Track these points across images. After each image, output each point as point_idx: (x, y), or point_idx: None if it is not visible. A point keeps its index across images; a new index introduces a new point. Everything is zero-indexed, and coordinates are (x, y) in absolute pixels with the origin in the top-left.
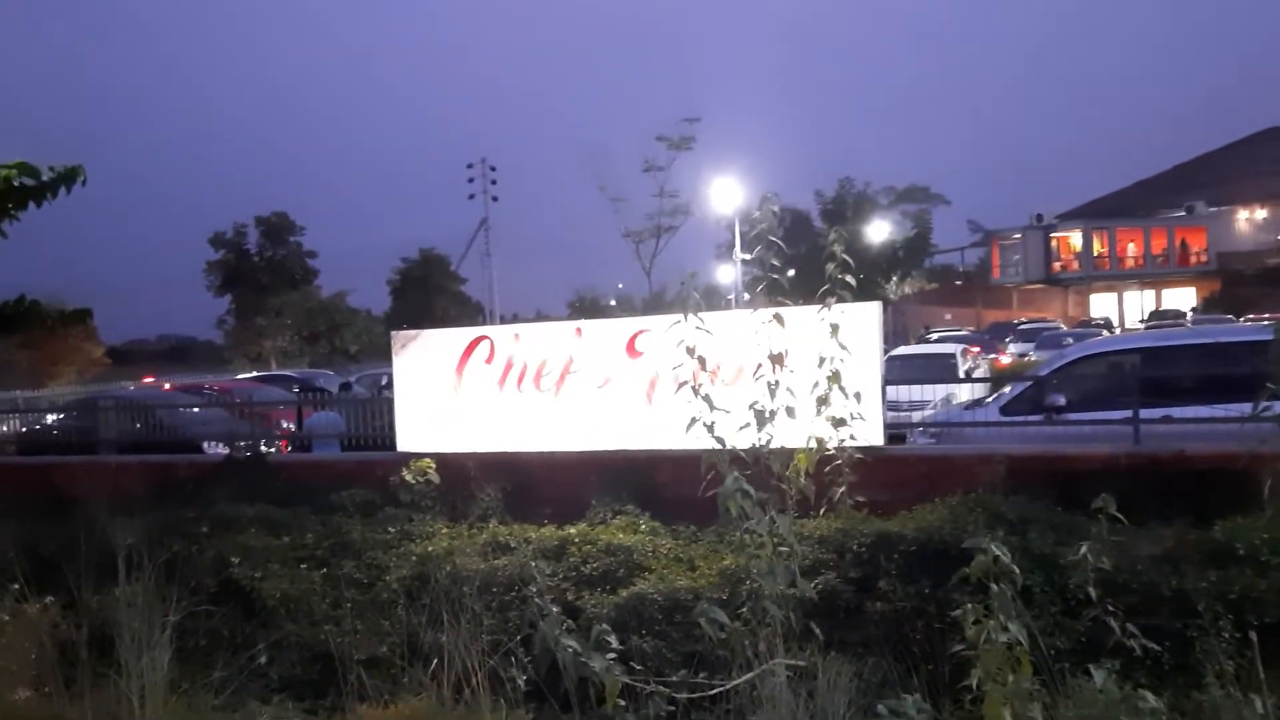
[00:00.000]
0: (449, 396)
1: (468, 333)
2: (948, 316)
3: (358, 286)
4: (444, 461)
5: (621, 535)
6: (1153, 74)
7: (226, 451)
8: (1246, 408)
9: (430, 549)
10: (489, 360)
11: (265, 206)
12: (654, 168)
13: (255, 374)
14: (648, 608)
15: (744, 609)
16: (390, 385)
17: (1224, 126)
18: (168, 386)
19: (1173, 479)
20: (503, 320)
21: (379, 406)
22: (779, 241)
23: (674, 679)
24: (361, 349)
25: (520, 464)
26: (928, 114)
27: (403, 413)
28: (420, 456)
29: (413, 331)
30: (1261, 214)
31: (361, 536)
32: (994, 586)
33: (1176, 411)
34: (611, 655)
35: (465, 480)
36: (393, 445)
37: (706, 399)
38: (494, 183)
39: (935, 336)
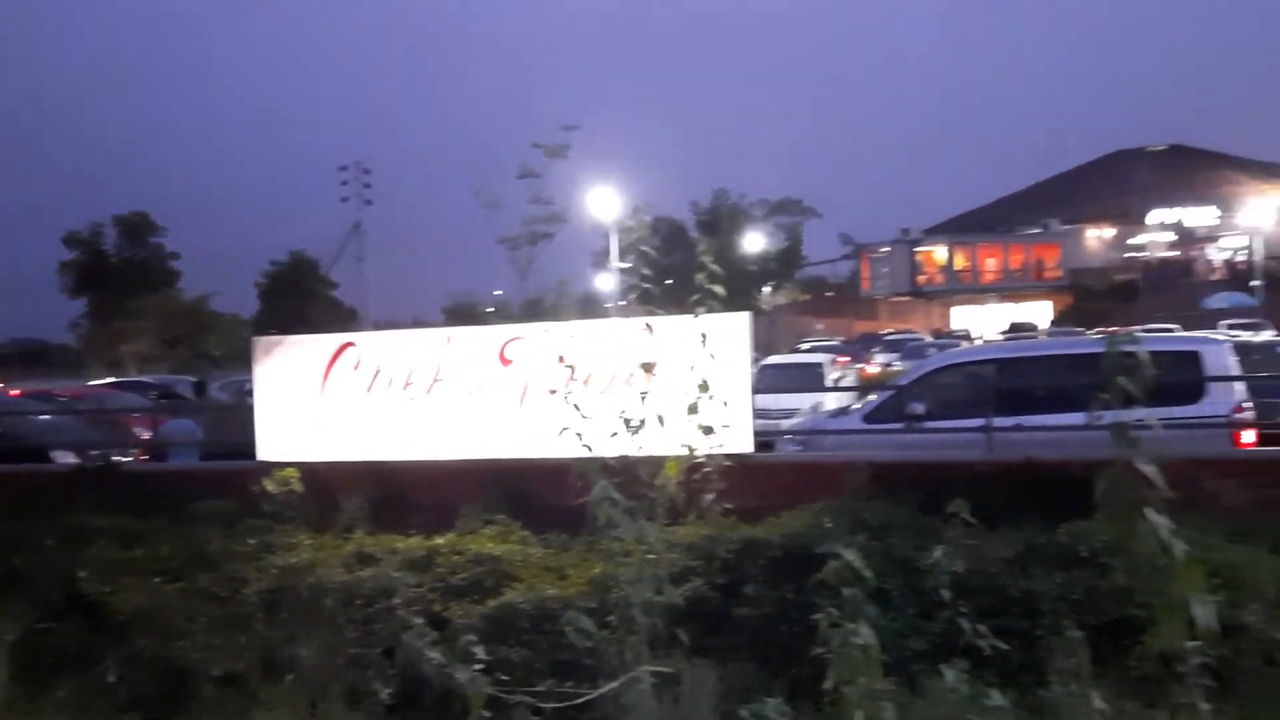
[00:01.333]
0: (314, 403)
1: (334, 339)
2: (820, 327)
3: (226, 290)
4: (308, 471)
5: (491, 545)
6: (1015, 96)
7: (77, 460)
8: (1111, 417)
9: (292, 561)
10: (356, 367)
11: (126, 206)
12: (530, 174)
13: (111, 380)
14: (516, 617)
15: (612, 617)
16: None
17: (1082, 147)
18: (15, 393)
19: (1023, 485)
20: (377, 326)
21: (241, 413)
22: (650, 251)
23: (540, 688)
24: (227, 354)
25: (388, 473)
26: (804, 129)
27: (265, 420)
28: (283, 466)
29: (276, 337)
30: (1110, 232)
31: (220, 548)
32: (845, 591)
33: (1027, 420)
34: (478, 666)
35: (330, 490)
36: (255, 454)
37: (576, 407)
38: (368, 186)
39: (806, 346)
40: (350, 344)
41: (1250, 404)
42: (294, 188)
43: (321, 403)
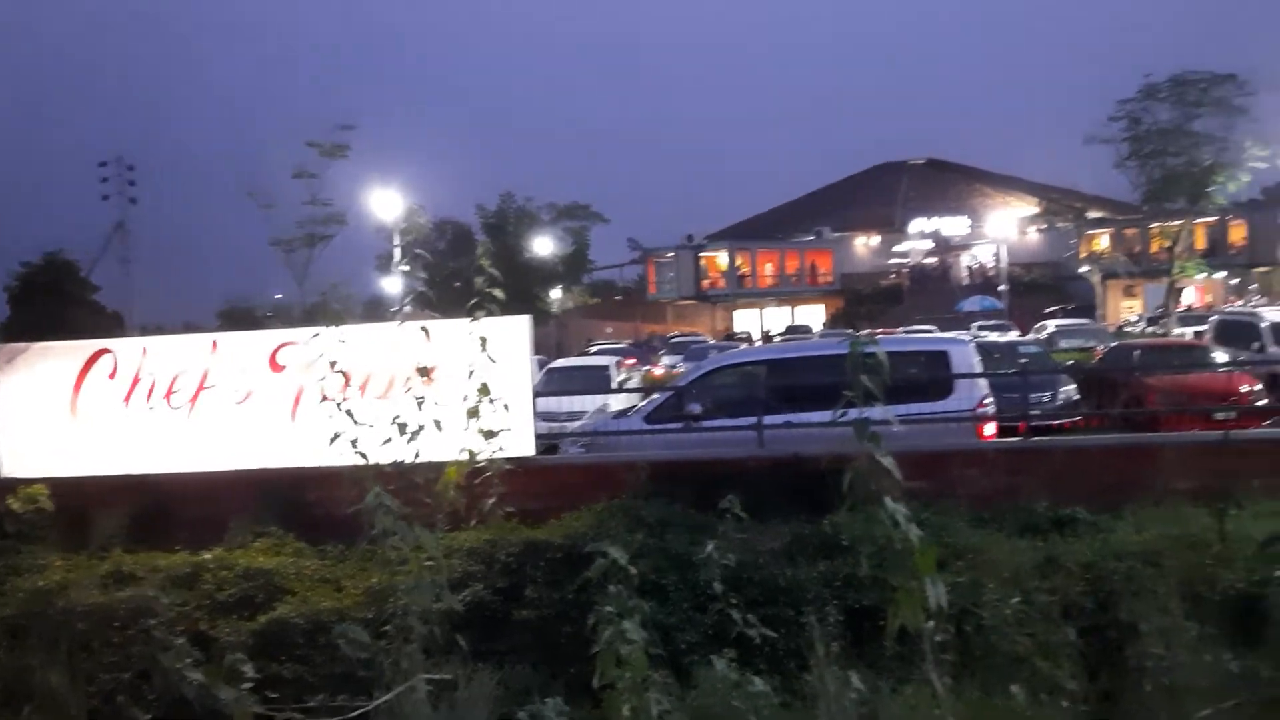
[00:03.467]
0: (66, 415)
1: (87, 345)
2: (608, 330)
3: None
4: (60, 487)
5: (262, 558)
6: (792, 110)
7: None
8: (852, 413)
9: (41, 583)
10: (113, 375)
11: None
12: (306, 175)
13: None
14: (289, 632)
15: (389, 627)
16: None
17: (851, 159)
18: None
19: (792, 479)
20: (144, 331)
21: None
22: (425, 254)
23: (313, 704)
24: None
25: (150, 487)
26: (595, 138)
27: (9, 435)
28: (31, 482)
29: (20, 344)
30: (876, 240)
31: None
32: (612, 588)
33: (796, 417)
34: (246, 685)
35: (86, 507)
36: None
37: (349, 413)
38: (132, 184)
39: (594, 349)
40: (106, 350)
41: (991, 399)
42: (55, 187)
43: (74, 413)
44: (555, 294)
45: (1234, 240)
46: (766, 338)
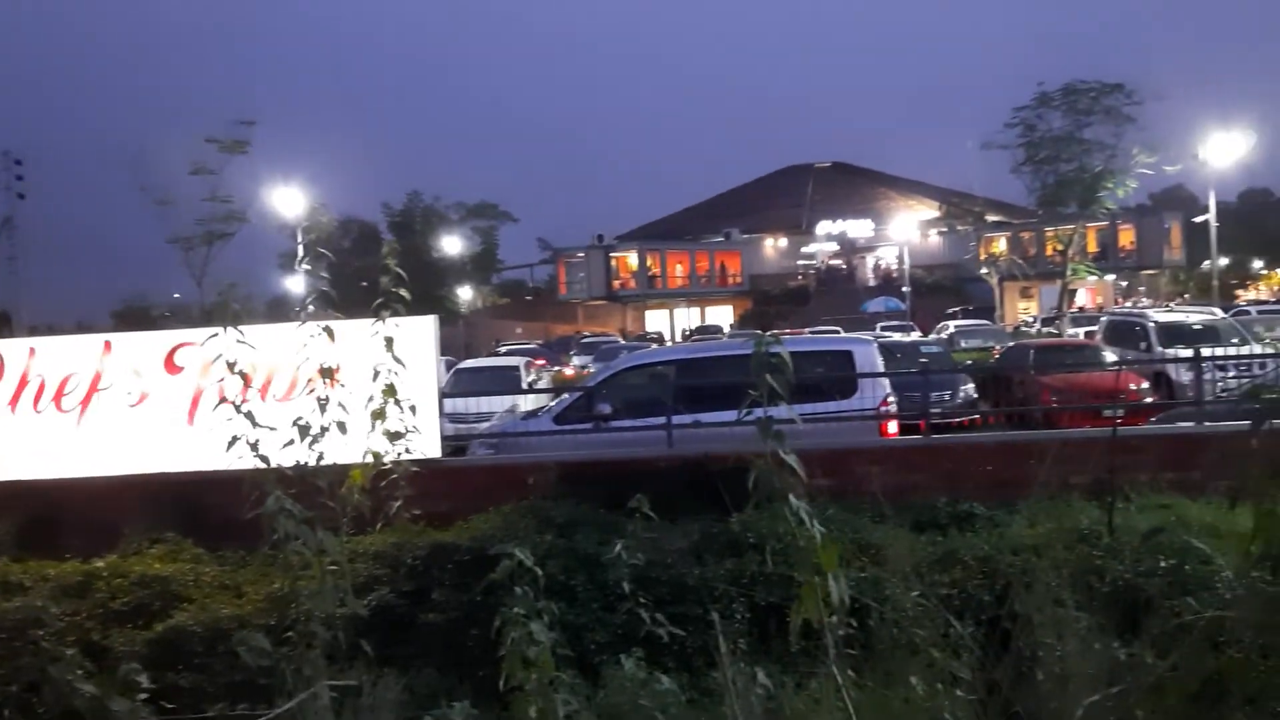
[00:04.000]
0: None
1: None
2: (519, 330)
3: None
4: None
5: (159, 565)
6: (701, 112)
7: None
8: (758, 412)
9: None
10: None
11: None
12: (204, 171)
13: None
14: (187, 640)
15: (291, 633)
16: None
17: (758, 161)
18: None
19: (701, 478)
20: (33, 331)
21: None
22: (327, 253)
23: (211, 713)
24: None
25: (39, 493)
26: (507, 139)
27: None
28: None
29: None
30: (784, 241)
31: None
32: (517, 589)
33: (705, 417)
34: (142, 695)
35: None
36: None
37: (249, 416)
38: (20, 178)
39: (504, 349)
40: None
41: (894, 398)
42: None
43: None
44: (464, 294)
45: (1124, 244)
46: (688, 336)
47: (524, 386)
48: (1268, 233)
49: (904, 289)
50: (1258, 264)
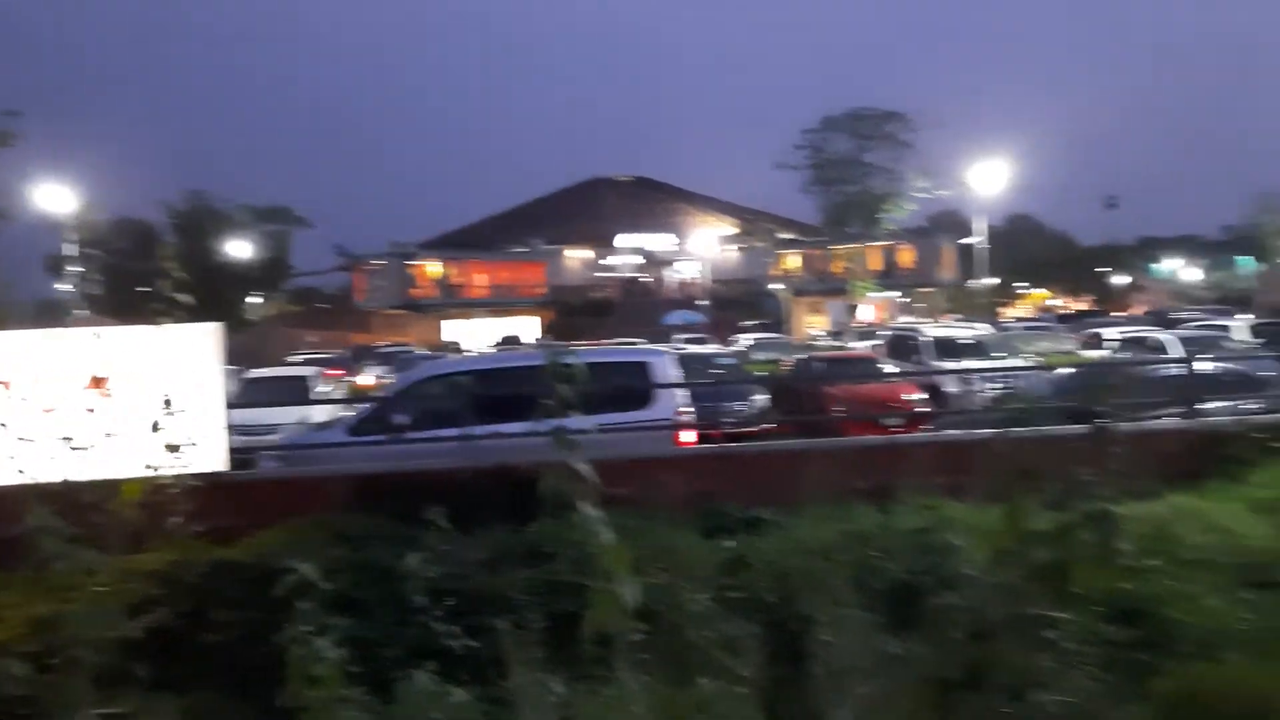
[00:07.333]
0: None
1: None
2: (313, 339)
3: None
4: None
5: None
6: (504, 122)
7: None
8: (555, 423)
9: None
10: None
11: None
12: None
13: None
14: None
15: (56, 659)
16: None
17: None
18: None
19: (498, 489)
20: None
21: None
22: (104, 254)
23: None
24: None
25: None
26: (305, 142)
27: None
28: None
29: None
30: (587, 253)
31: None
32: (300, 605)
33: (503, 428)
34: None
35: None
36: None
37: (7, 427)
38: None
39: (297, 359)
40: None
41: (690, 408)
42: None
43: None
44: (254, 301)
45: (904, 263)
46: (508, 342)
47: (314, 397)
48: (1031, 255)
49: (702, 302)
50: (1022, 284)
